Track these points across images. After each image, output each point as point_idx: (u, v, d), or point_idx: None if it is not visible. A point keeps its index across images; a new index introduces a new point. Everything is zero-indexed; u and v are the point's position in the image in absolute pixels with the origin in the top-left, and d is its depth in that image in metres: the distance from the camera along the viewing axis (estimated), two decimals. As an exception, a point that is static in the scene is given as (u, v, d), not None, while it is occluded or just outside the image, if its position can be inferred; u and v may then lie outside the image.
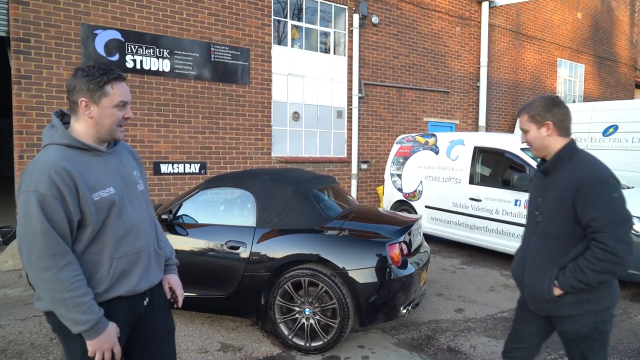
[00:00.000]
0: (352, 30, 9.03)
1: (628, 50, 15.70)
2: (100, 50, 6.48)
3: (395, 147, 7.99)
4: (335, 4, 8.90)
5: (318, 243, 3.48)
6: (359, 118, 9.29)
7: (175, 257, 2.04)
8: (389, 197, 7.96)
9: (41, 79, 6.11)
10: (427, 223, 7.15)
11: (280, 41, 8.33)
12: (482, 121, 11.25)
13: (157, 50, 6.93)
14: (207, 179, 4.34)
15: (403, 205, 7.62)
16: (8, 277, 5.46)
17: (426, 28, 10.23)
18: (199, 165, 7.41)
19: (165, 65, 7.01)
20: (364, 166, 9.42)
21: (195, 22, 7.26)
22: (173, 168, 7.18)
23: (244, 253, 3.64)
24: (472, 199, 6.35)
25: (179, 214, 4.06)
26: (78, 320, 1.52)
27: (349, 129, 9.22)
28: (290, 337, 3.52)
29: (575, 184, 1.88)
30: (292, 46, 8.47)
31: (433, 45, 10.39)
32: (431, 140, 7.33)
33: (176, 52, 7.10)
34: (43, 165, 1.52)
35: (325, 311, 3.46)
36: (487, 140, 6.47)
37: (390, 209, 7.84)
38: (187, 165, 7.31)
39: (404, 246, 3.64)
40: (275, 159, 8.22)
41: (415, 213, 7.30)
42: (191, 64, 7.24)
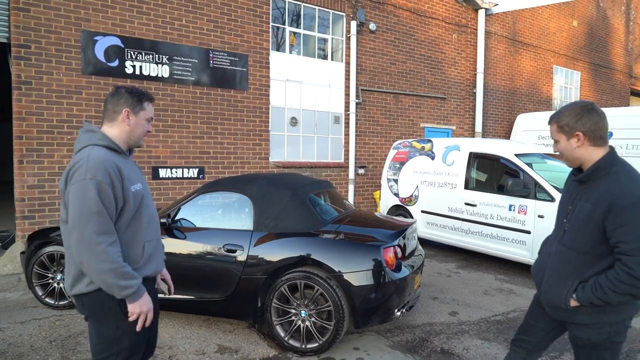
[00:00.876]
0: (349, 37, 9.14)
1: (623, 57, 15.86)
2: (100, 56, 6.56)
3: (391, 153, 8.07)
4: (333, 11, 9.01)
5: (313, 246, 3.54)
6: (356, 123, 9.39)
7: (164, 255, 2.34)
8: (385, 202, 8.03)
9: (41, 85, 6.18)
10: (423, 228, 7.21)
11: (279, 47, 8.43)
12: (478, 127, 11.36)
13: (157, 56, 7.02)
14: (205, 183, 4.40)
15: (399, 210, 7.68)
16: (7, 281, 5.50)
17: (423, 35, 10.35)
18: (197, 170, 7.47)
19: (164, 71, 7.09)
20: (361, 171, 9.50)
21: (195, 29, 7.35)
22: (171, 173, 7.24)
23: (241, 256, 3.70)
24: (467, 203, 6.42)
25: (177, 217, 4.12)
26: (125, 286, 1.81)
27: (346, 135, 9.30)
28: (286, 339, 3.57)
29: (609, 201, 1.79)
30: (290, 52, 8.57)
31: (430, 52, 10.51)
32: (427, 146, 7.41)
33: (175, 58, 7.18)
34: (98, 160, 1.83)
35: (320, 313, 3.51)
36: (482, 146, 6.55)
37: (387, 213, 7.90)
38: (186, 170, 7.37)
39: (398, 250, 3.70)
40: (273, 163, 8.29)
41: (412, 218, 7.37)
42: (190, 69, 7.33)
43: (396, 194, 7.77)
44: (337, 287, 3.44)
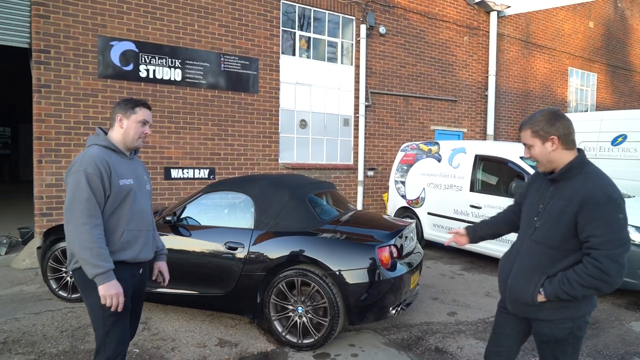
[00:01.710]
0: (359, 40, 9.25)
1: (642, 59, 15.56)
2: (116, 60, 6.82)
3: (399, 155, 8.14)
4: (342, 14, 9.13)
5: (310, 245, 3.66)
6: (366, 126, 9.48)
7: (165, 250, 2.73)
8: (393, 203, 8.10)
9: (60, 88, 6.46)
10: (430, 229, 7.26)
11: (289, 51, 8.58)
12: (490, 130, 11.32)
13: (170, 60, 7.25)
14: (210, 183, 4.57)
15: (406, 212, 7.75)
16: (25, 275, 5.77)
17: (434, 38, 10.38)
18: (208, 170, 7.68)
19: (177, 75, 7.32)
20: (370, 173, 9.58)
21: (207, 33, 7.57)
22: (183, 173, 7.46)
23: (241, 253, 3.84)
24: (472, 206, 6.45)
25: (182, 216, 4.29)
26: (96, 264, 2.09)
27: (356, 137, 9.40)
28: (283, 334, 3.70)
29: (582, 197, 1.87)
30: (300, 56, 8.72)
31: (441, 54, 10.54)
32: (434, 148, 7.46)
33: (188, 62, 7.41)
34: (91, 156, 2.17)
35: (316, 310, 3.63)
36: (488, 148, 6.58)
37: (394, 215, 7.97)
38: (197, 171, 7.58)
39: (393, 249, 3.79)
40: (283, 165, 8.44)
41: (418, 220, 7.42)
42: (202, 73, 7.54)
43: (403, 196, 7.84)
44: (332, 285, 3.55)
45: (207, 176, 7.67)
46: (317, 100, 8.94)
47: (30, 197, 13.05)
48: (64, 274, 4.70)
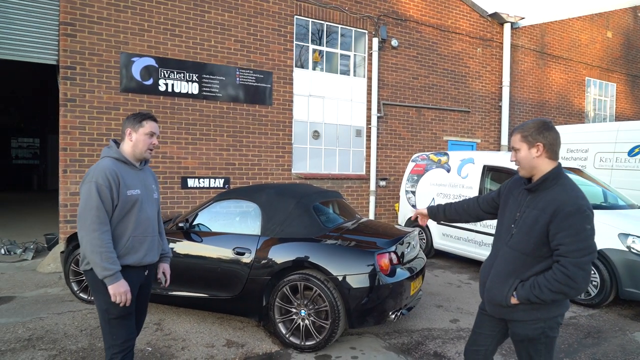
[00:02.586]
0: (371, 53, 9.46)
1: (664, 68, 15.29)
2: (137, 75, 7.19)
3: (410, 165, 8.27)
4: (355, 28, 9.37)
5: (313, 251, 3.84)
6: (378, 137, 9.64)
7: (170, 253, 2.93)
8: (403, 213, 8.21)
9: (84, 102, 6.86)
10: (439, 239, 7.34)
11: (302, 64, 8.86)
12: (504, 140, 11.32)
13: (187, 74, 7.60)
14: (220, 192, 4.81)
15: (416, 221, 7.82)
16: (50, 278, 6.10)
17: (446, 50, 10.52)
18: (223, 180, 7.95)
19: (194, 88, 7.66)
20: (382, 183, 9.71)
21: (223, 49, 7.90)
22: (199, 182, 7.75)
23: (248, 258, 4.05)
24: (480, 215, 6.51)
25: (194, 223, 4.53)
26: (105, 267, 2.30)
27: (368, 147, 9.57)
28: (287, 336, 3.87)
29: (554, 208, 2.00)
30: (314, 69, 8.98)
31: (453, 66, 10.65)
32: (443, 159, 7.57)
33: (204, 76, 7.74)
34: (102, 168, 2.39)
35: (318, 313, 3.79)
36: (496, 159, 6.66)
37: (405, 225, 8.08)
38: (212, 180, 7.87)
39: (393, 256, 3.94)
40: (296, 175, 8.66)
41: (428, 229, 7.51)
42: (218, 86, 7.86)
43: (414, 206, 7.94)
44: (333, 289, 3.72)
45: (222, 185, 7.95)
46: (329, 111, 9.16)
47: (56, 205, 13.60)
48: (83, 277, 4.98)
